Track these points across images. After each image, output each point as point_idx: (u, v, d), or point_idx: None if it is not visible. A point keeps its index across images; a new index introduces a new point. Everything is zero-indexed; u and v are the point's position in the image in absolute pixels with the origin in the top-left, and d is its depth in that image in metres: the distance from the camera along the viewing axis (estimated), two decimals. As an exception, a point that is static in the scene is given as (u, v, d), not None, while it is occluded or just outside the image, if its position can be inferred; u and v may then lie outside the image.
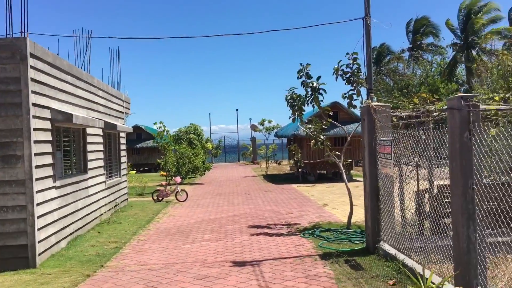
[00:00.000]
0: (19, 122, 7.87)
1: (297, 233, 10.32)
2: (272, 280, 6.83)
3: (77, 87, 10.66)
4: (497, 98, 4.95)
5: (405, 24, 50.23)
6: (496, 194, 5.22)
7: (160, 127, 24.53)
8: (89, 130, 11.62)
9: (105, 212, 12.86)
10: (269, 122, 29.83)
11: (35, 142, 8.09)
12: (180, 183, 17.90)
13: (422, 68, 43.97)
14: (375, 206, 8.23)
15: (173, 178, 18.95)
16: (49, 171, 8.72)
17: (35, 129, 8.10)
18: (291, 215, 12.94)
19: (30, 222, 7.91)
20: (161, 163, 23.78)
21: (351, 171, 24.46)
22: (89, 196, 11.37)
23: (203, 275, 7.26)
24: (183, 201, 16.81)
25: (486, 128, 4.82)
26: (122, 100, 15.98)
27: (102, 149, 12.93)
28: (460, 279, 4.92)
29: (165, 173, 27.00)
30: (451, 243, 5.45)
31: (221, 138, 47.73)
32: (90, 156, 11.65)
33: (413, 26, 49.19)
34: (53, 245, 8.81)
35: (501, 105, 4.90)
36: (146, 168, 36.76)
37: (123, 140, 16.11)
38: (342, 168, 10.82)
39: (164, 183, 18.16)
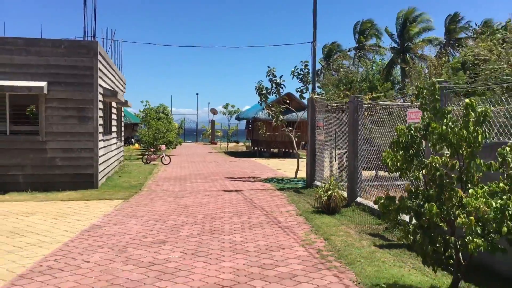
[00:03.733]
0: (91, 95, 12.23)
1: (260, 181, 15.25)
2: (250, 196, 11.71)
3: (110, 73, 14.98)
4: (367, 98, 10.00)
5: (353, 24, 55.92)
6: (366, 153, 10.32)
7: (145, 105, 29.04)
8: (112, 104, 15.95)
9: (116, 166, 17.24)
10: (232, 106, 34.60)
11: (99, 109, 12.49)
12: (163, 150, 22.37)
13: (364, 66, 49.95)
14: (313, 159, 13.30)
15: (159, 146, 23.39)
16: (101, 129, 13.12)
17: (99, 100, 12.49)
18: (254, 173, 17.86)
19: (95, 159, 12.35)
20: (139, 134, 27.97)
21: (299, 152, 29.73)
22: (111, 151, 15.75)
23: (208, 194, 12.03)
24: (167, 164, 21.32)
25: (364, 112, 9.89)
26: (123, 82, 20.21)
27: (116, 118, 17.26)
28: (351, 185, 9.98)
29: (138, 146, 31.24)
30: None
31: (182, 119, 52.10)
32: (112, 122, 16.01)
33: (359, 27, 55.22)
34: (101, 178, 13.25)
35: (372, 102, 9.93)
36: (115, 142, 40.46)
37: (122, 113, 20.37)
38: (293, 138, 15.84)
39: (151, 149, 22.53)
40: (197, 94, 74.87)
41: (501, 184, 4.14)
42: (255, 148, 30.86)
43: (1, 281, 5.05)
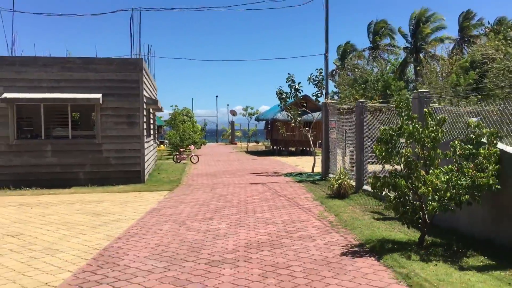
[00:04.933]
0: (137, 104, 14.48)
1: (281, 175, 17.34)
2: (274, 187, 13.80)
3: (149, 84, 17.24)
4: (373, 102, 12.01)
5: (366, 23, 57.48)
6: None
7: (174, 108, 31.59)
8: (151, 110, 18.21)
9: (153, 164, 19.51)
10: (251, 108, 36.83)
11: (143, 115, 14.73)
12: (192, 150, 24.62)
13: (379, 66, 51.56)
14: (327, 156, 15.34)
15: (189, 146, 25.69)
16: (145, 132, 15.35)
17: (143, 108, 14.74)
18: (275, 169, 19.96)
19: (142, 158, 14.60)
20: (168, 136, 30.36)
21: (315, 150, 31.77)
22: (151, 151, 18.01)
23: (238, 186, 14.16)
24: (196, 163, 23.54)
25: (368, 114, 11.89)
26: (156, 89, 22.49)
27: (152, 122, 19.54)
28: (358, 175, 12.00)
29: (164, 147, 33.60)
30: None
31: (203, 121, 54.60)
32: (151, 126, 18.28)
33: (373, 27, 56.80)
34: (146, 174, 15.49)
35: (375, 105, 11.95)
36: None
37: (155, 118, 22.67)
38: (309, 137, 17.89)
39: (181, 149, 24.84)
40: (216, 96, 77.38)
41: (450, 166, 6.16)
42: (274, 147, 32.93)
43: (106, 241, 7.24)
